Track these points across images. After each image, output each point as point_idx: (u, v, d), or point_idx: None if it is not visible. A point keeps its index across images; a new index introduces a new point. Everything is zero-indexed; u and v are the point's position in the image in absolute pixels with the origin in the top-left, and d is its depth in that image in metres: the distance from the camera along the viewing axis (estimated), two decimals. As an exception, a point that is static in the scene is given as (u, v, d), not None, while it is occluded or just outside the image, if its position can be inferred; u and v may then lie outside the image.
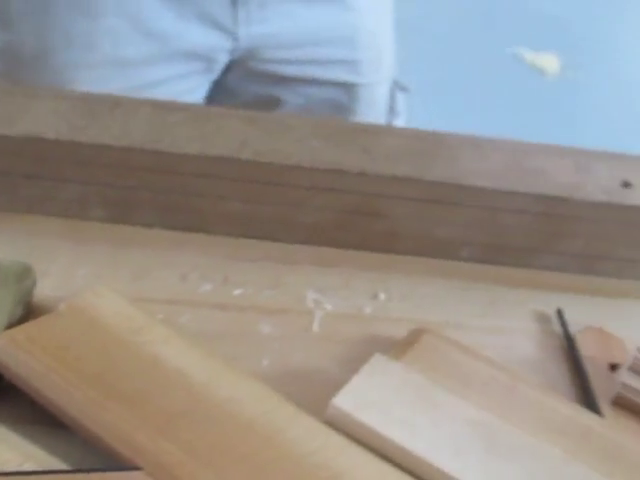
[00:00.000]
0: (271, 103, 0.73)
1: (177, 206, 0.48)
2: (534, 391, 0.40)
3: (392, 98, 0.78)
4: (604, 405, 0.41)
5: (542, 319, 0.47)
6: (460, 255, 0.49)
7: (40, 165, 0.47)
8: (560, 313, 0.46)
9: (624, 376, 0.41)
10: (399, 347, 0.41)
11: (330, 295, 0.46)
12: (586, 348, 0.44)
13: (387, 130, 0.51)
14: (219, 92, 0.73)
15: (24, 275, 0.41)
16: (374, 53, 0.75)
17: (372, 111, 0.76)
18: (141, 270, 0.46)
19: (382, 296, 0.47)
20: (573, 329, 0.46)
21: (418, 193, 0.47)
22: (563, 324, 0.46)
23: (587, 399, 0.41)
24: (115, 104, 0.49)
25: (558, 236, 0.49)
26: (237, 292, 0.45)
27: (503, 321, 0.46)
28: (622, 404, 0.41)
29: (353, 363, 0.39)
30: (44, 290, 0.43)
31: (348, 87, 0.73)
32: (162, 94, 0.59)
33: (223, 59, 0.69)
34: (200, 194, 0.47)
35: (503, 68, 0.81)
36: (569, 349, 0.44)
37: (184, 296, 0.45)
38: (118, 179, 0.47)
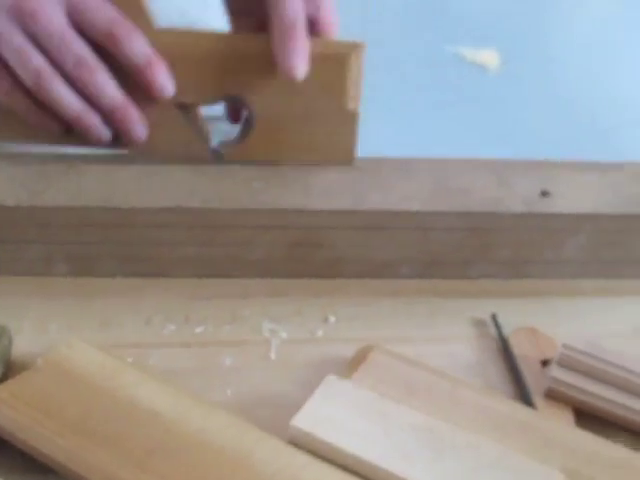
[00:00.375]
0: None
1: (135, 255, 0.52)
2: (474, 393, 0.45)
3: None
4: (538, 399, 0.46)
5: (479, 325, 0.51)
6: (400, 274, 0.54)
7: (3, 230, 0.51)
8: (494, 317, 0.51)
9: (554, 371, 0.46)
10: (350, 365, 0.46)
11: (284, 323, 0.50)
12: (519, 348, 0.49)
13: (322, 166, 0.55)
14: None
15: (1, 335, 0.45)
16: None
17: None
18: (108, 318, 0.50)
19: (332, 319, 0.51)
20: (507, 331, 0.50)
21: (355, 222, 0.51)
22: (497, 327, 0.51)
23: (522, 395, 0.46)
24: (68, 166, 0.53)
25: (486, 247, 0.53)
26: (198, 330, 0.49)
27: (444, 330, 0.51)
28: (553, 396, 0.46)
29: (310, 385, 0.43)
30: (20, 347, 0.46)
31: None
32: None
33: None
34: (156, 242, 0.51)
35: (446, 67, 0.85)
36: (504, 350, 0.49)
37: (150, 339, 0.48)
38: (78, 236, 0.51)
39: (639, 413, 0.44)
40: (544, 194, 0.54)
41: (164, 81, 0.52)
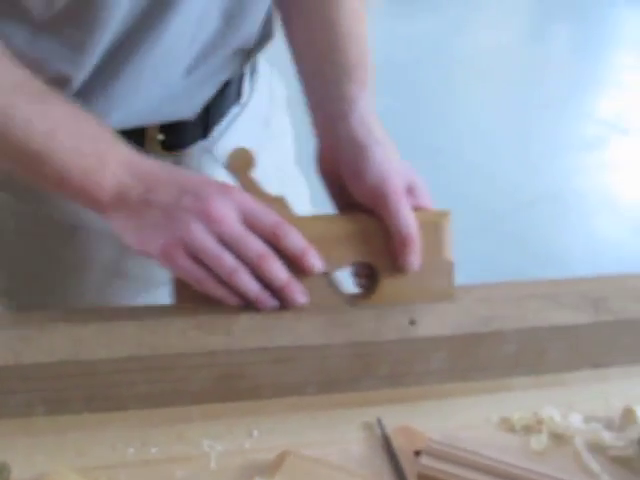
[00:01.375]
0: None
1: (99, 395, 0.66)
2: (355, 478, 0.60)
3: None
4: (412, 481, 0.61)
5: (368, 427, 0.67)
6: (307, 392, 0.69)
7: (-8, 384, 0.64)
8: (379, 421, 0.67)
9: (423, 459, 0.62)
10: (271, 468, 0.61)
11: (219, 439, 0.65)
12: (398, 443, 0.65)
13: (244, 310, 0.71)
14: None
15: (2, 470, 0.58)
16: None
17: None
18: (81, 447, 0.63)
19: (255, 433, 0.66)
20: (389, 430, 0.66)
21: (269, 357, 0.67)
22: (382, 429, 0.66)
23: (399, 478, 0.62)
24: (41, 328, 0.67)
25: (370, 366, 0.70)
26: (153, 450, 0.63)
27: (341, 434, 0.66)
28: (423, 477, 0.61)
29: (243, 486, 0.58)
30: (14, 478, 0.60)
31: None
32: None
33: None
34: (115, 384, 0.65)
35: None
36: (387, 446, 0.65)
37: (116, 461, 0.62)
38: (53, 385, 0.65)
39: (485, 485, 0.60)
40: (412, 322, 0.71)
41: (316, 262, 0.69)
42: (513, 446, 0.66)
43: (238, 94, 0.91)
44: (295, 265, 0.68)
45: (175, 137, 0.83)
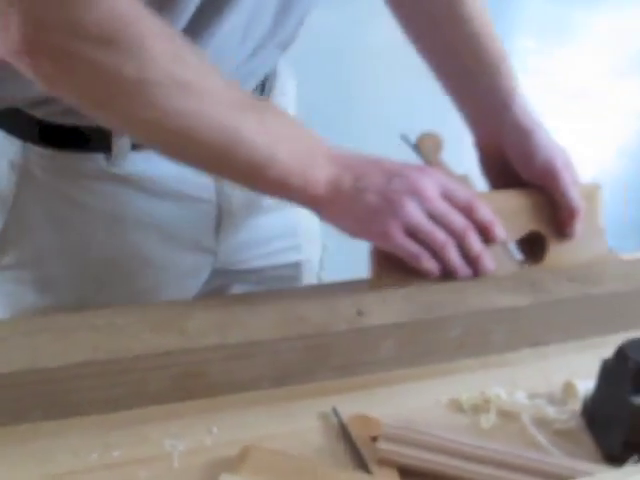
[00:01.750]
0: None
1: (58, 402, 0.66)
2: (326, 468, 0.62)
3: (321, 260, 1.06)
4: (372, 466, 0.64)
5: (324, 417, 0.69)
6: (262, 386, 0.71)
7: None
8: (335, 410, 0.69)
9: (380, 444, 0.64)
10: (236, 463, 0.62)
11: (180, 438, 0.66)
12: (355, 429, 0.67)
13: (196, 308, 0.72)
14: None
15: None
16: (309, 235, 1.02)
17: (311, 274, 1.03)
18: (44, 455, 0.63)
19: (215, 430, 0.67)
20: (345, 418, 0.68)
21: (223, 354, 0.68)
22: (338, 417, 0.68)
23: (361, 465, 0.64)
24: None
25: (323, 358, 0.72)
26: (116, 453, 0.64)
27: (299, 425, 0.68)
28: (383, 463, 0.64)
29: (209, 483, 0.60)
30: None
31: (294, 265, 0.99)
32: None
33: (205, 274, 0.92)
34: (73, 390, 0.66)
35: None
36: (344, 434, 0.67)
37: (80, 467, 0.63)
38: (10, 395, 0.64)
39: (441, 464, 0.63)
40: (360, 313, 0.73)
41: (500, 231, 0.77)
42: (463, 425, 0.69)
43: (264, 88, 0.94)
44: (484, 235, 0.76)
45: None
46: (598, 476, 0.60)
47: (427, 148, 0.84)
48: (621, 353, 0.65)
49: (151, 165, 0.83)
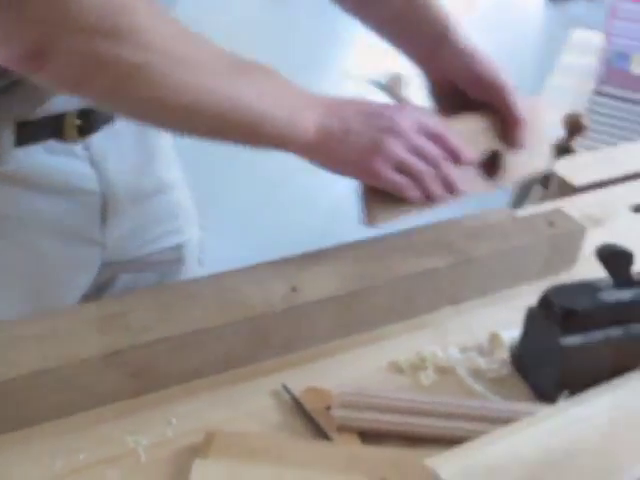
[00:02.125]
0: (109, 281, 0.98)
1: (13, 414, 0.65)
2: (290, 442, 0.65)
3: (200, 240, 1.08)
4: (332, 433, 0.67)
5: (276, 394, 0.72)
6: (211, 372, 0.72)
7: None
8: (285, 387, 0.72)
9: (336, 412, 0.67)
10: (203, 449, 0.64)
11: (143, 433, 0.67)
12: (308, 403, 0.70)
13: (135, 302, 0.72)
14: None
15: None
16: (188, 216, 1.04)
17: (192, 255, 1.05)
18: (7, 470, 0.63)
19: (174, 421, 0.68)
20: (297, 393, 0.71)
21: (170, 345, 0.69)
22: (289, 393, 0.71)
23: (320, 434, 0.67)
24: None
25: (264, 338, 0.74)
26: (81, 457, 0.64)
27: (252, 405, 0.70)
28: (342, 429, 0.67)
29: (180, 474, 0.61)
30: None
31: (177, 247, 1.02)
32: None
33: (95, 267, 0.93)
34: (27, 400, 0.65)
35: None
36: (299, 408, 0.70)
37: (47, 476, 0.62)
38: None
39: (397, 423, 0.67)
40: (293, 290, 0.76)
41: (469, 154, 0.82)
42: (406, 385, 0.73)
43: None
44: (456, 160, 0.82)
45: (89, 122, 0.84)
46: (539, 414, 0.65)
47: (393, 87, 0.89)
48: (546, 300, 0.70)
49: (35, 160, 0.82)
